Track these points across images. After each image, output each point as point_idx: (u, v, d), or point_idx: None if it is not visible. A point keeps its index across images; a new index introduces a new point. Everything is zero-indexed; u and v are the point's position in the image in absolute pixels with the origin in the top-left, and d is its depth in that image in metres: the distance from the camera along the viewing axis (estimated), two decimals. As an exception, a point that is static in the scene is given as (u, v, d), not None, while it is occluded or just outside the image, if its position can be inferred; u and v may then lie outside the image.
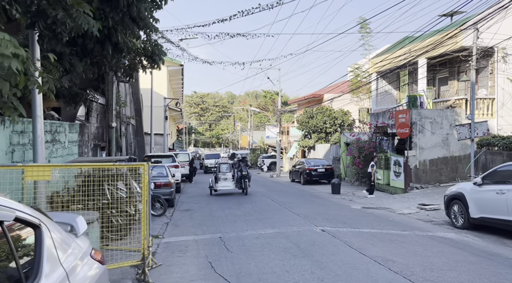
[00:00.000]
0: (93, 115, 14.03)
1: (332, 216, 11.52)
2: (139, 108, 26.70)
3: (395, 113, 19.10)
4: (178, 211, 13.86)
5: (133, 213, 9.33)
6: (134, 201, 9.32)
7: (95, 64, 10.67)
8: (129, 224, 8.69)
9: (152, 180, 14.02)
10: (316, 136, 31.50)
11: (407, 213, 12.84)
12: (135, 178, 12.91)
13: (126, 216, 9.00)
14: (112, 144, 15.15)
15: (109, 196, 9.12)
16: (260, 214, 11.94)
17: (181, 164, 24.77)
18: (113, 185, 8.69)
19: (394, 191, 18.64)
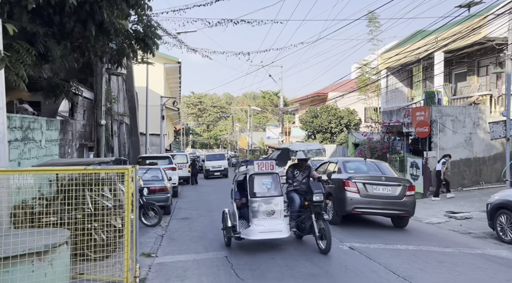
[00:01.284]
0: (79, 111, 12.40)
1: (355, 228, 9.92)
2: (134, 106, 25.06)
3: (412, 111, 17.54)
4: (175, 219, 12.23)
5: (120, 226, 7.70)
6: (121, 212, 7.70)
7: (77, 48, 9.06)
8: (115, 241, 7.08)
9: (145, 184, 12.41)
10: (321, 137, 29.93)
11: (436, 223, 11.27)
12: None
13: (112, 230, 7.40)
14: (101, 144, 13.52)
15: (91, 206, 7.52)
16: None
17: (178, 166, 23.14)
18: (97, 192, 7.09)
19: (411, 195, 17.02)
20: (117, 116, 17.58)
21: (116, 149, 18.33)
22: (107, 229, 7.45)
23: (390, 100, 24.40)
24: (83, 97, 12.80)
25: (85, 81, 13.96)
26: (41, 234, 4.60)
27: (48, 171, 5.39)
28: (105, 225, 7.37)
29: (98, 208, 7.36)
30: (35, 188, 7.00)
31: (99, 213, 7.31)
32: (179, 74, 41.64)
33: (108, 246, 6.73)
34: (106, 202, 7.73)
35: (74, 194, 6.64)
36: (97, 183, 6.97)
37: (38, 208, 6.87)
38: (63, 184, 7.00)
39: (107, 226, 7.43)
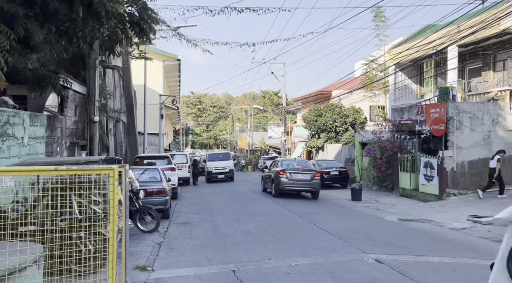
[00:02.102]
0: (70, 106, 11.39)
1: (373, 234, 8.92)
2: (132, 104, 24.04)
3: (426, 108, 16.54)
4: (174, 224, 11.22)
5: (111, 236, 6.70)
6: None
7: (64, 34, 8.07)
8: (104, 253, 6.07)
9: (142, 186, 11.39)
10: (325, 136, 28.90)
11: (461, 228, 10.26)
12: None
13: (101, 240, 6.39)
14: (95, 142, 12.51)
15: (78, 212, 6.52)
16: (280, 231, 9.32)
17: (178, 166, 22.11)
18: (85, 197, 6.09)
19: (425, 197, 16.06)
20: (112, 113, 16.56)
21: (112, 148, 17.32)
22: (96, 239, 6.47)
23: (399, 98, 23.40)
24: (74, 91, 11.79)
25: (78, 75, 12.95)
26: (4, 254, 3.59)
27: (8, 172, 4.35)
28: (92, 234, 6.38)
29: (86, 214, 6.36)
30: (13, 191, 6.00)
31: (86, 220, 6.32)
32: (178, 72, 40.67)
33: (96, 260, 5.74)
34: (95, 208, 6.74)
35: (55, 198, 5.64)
36: (85, 186, 5.97)
37: (14, 215, 5.88)
38: (45, 188, 6.01)
39: (95, 235, 6.44)
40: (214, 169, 26.94)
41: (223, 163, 27.28)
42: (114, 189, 3.84)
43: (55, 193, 5.31)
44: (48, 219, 5.71)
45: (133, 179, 9.85)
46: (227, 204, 15.03)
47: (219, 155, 28.50)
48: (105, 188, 6.30)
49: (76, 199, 6.52)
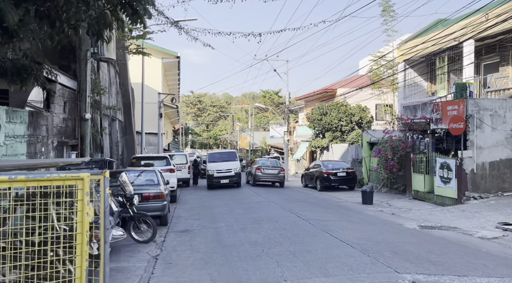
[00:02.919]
0: (57, 102, 10.32)
1: (398, 245, 7.86)
2: (129, 102, 22.98)
3: (442, 105, 15.48)
4: (172, 233, 10.15)
5: (96, 252, 5.62)
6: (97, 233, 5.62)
7: (45, 16, 7.01)
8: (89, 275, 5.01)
9: (137, 190, 10.33)
10: (330, 135, 27.83)
11: (492, 238, 9.21)
12: (113, 191, 9.19)
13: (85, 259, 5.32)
14: (86, 142, 11.44)
15: (57, 226, 5.45)
16: (292, 242, 8.24)
17: (177, 167, 21.05)
18: (67, 208, 5.03)
19: (441, 201, 15.02)
20: (106, 110, 15.49)
21: (106, 148, 16.25)
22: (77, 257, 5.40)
23: (409, 96, 22.34)
24: (63, 86, 10.73)
25: (68, 69, 11.88)
26: None
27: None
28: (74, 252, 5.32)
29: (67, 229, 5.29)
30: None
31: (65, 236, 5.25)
32: (178, 70, 39.67)
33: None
34: (61, 225, 5.68)
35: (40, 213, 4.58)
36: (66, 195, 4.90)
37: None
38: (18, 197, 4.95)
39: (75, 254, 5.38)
40: (216, 172, 21.90)
41: (227, 165, 22.22)
42: (83, 207, 2.78)
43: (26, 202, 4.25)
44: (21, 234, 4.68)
45: (126, 183, 8.79)
46: (230, 208, 13.97)
47: (222, 155, 23.46)
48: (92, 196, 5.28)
49: (57, 210, 5.47)
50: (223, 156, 23.28)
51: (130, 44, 19.13)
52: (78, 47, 11.46)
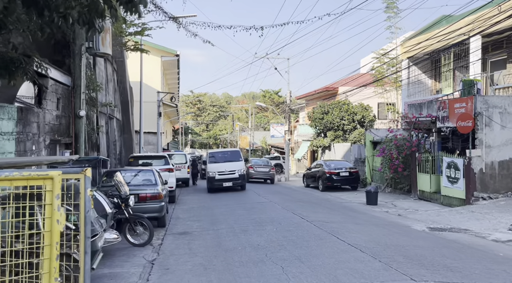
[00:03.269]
0: (50, 98, 9.85)
1: (409, 249, 7.39)
2: (127, 100, 22.52)
3: (449, 102, 15.02)
4: (171, 235, 9.68)
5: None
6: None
7: (32, 4, 6.55)
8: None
9: (134, 190, 9.90)
10: (332, 134, 27.37)
11: (507, 241, 8.74)
12: (108, 192, 8.74)
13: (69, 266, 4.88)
14: (81, 140, 10.97)
15: (43, 229, 4.99)
16: (297, 245, 7.77)
17: (176, 167, 20.59)
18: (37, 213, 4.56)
19: (448, 201, 14.55)
20: (102, 107, 15.03)
21: (103, 147, 15.79)
22: (67, 264, 4.96)
23: (413, 94, 21.87)
24: (56, 82, 10.26)
25: (62, 64, 11.42)
26: None
27: None
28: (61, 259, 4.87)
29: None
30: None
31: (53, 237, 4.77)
32: (177, 69, 39.22)
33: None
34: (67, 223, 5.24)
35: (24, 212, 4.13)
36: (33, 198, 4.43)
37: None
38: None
39: (64, 259, 4.93)
40: (218, 174, 19.34)
41: (230, 166, 19.59)
42: (52, 213, 2.30)
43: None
44: None
45: (121, 183, 8.33)
46: (231, 209, 13.50)
47: (225, 155, 20.81)
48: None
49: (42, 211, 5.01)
50: (226, 155, 20.56)
51: (127, 40, 18.65)
52: (72, 41, 11.00)
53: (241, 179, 19.55)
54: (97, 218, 5.74)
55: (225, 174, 19.38)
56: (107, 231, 7.25)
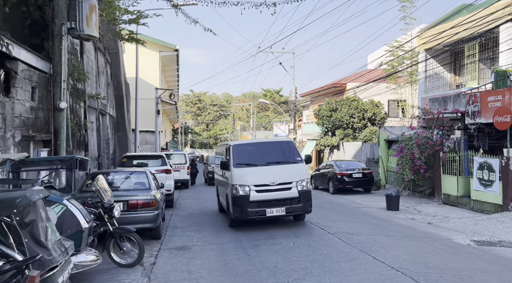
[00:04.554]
0: (22, 87, 8.21)
1: (472, 277, 5.77)
2: (121, 95, 20.90)
3: (480, 96, 13.38)
4: (166, 250, 8.04)
5: None
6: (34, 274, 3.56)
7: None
8: None
9: (122, 196, 8.30)
10: (341, 133, 25.72)
11: None
12: (87, 199, 7.12)
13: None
14: (61, 137, 9.32)
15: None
16: (325, 268, 6.14)
17: (175, 168, 18.98)
18: None
19: (480, 207, 12.93)
20: (93, 101, 13.39)
21: (93, 146, 14.15)
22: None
23: (431, 89, 20.27)
24: (31, 67, 8.62)
25: (41, 49, 9.79)
26: None
27: None
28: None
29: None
30: None
31: None
32: (176, 65, 37.66)
33: None
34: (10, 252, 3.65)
35: None
36: None
37: None
38: None
39: None
40: (255, 189, 9.58)
41: (279, 172, 9.90)
42: None
43: None
44: None
45: (103, 189, 6.69)
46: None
47: (265, 150, 10.58)
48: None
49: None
50: (268, 152, 10.42)
51: (121, 29, 17.01)
52: (51, 21, 9.36)
53: (302, 200, 9.62)
54: (59, 242, 4.10)
55: (270, 190, 9.55)
56: (82, 252, 5.63)
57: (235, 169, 9.75)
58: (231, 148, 10.24)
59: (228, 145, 10.62)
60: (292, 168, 9.91)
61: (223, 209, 11.63)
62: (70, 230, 5.48)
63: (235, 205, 9.47)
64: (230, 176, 9.82)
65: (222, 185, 11.18)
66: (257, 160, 10.05)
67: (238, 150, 10.35)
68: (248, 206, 9.33)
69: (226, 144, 11.01)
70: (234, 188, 9.50)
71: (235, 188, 9.48)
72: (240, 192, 9.44)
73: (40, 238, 3.76)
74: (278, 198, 9.51)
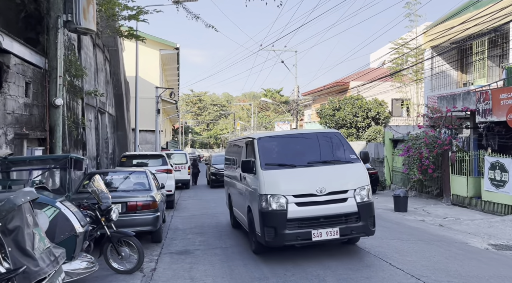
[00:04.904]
0: (15, 82, 7.77)
1: None
2: (121, 93, 20.47)
3: (492, 93, 12.94)
4: (167, 255, 7.60)
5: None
6: None
7: None
8: None
9: (121, 197, 7.87)
10: (345, 132, 25.27)
11: None
12: (83, 201, 6.70)
13: None
14: (57, 135, 8.88)
15: None
16: (339, 276, 5.70)
17: (176, 167, 18.54)
18: None
19: (491, 208, 12.49)
20: (88, 98, 12.94)
21: (91, 145, 13.71)
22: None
23: (437, 87, 19.83)
24: (25, 61, 8.18)
25: (36, 43, 9.36)
26: None
27: None
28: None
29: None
30: None
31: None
32: (177, 64, 37.24)
33: None
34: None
35: None
36: None
37: None
38: None
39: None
40: (297, 203, 6.65)
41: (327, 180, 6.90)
42: None
43: None
44: None
45: (100, 190, 6.25)
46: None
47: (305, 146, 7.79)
48: None
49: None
50: (307, 147, 7.77)
51: (121, 25, 16.55)
52: (47, 13, 8.92)
53: (363, 217, 6.80)
54: (48, 250, 3.65)
55: (317, 202, 6.73)
56: (76, 258, 5.19)
57: (265, 172, 6.87)
58: (256, 142, 7.46)
59: (251, 138, 7.93)
60: (346, 170, 7.20)
61: (239, 224, 9.35)
62: (63, 235, 5.05)
63: (265, 225, 6.52)
64: (256, 182, 6.99)
65: (241, 193, 8.43)
66: (295, 159, 7.27)
67: (267, 145, 7.57)
68: (286, 227, 6.42)
69: (247, 138, 8.45)
70: (263, 200, 6.61)
71: (265, 199, 6.58)
72: (273, 205, 6.52)
73: (26, 247, 3.31)
74: (330, 215, 6.53)
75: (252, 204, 7.21)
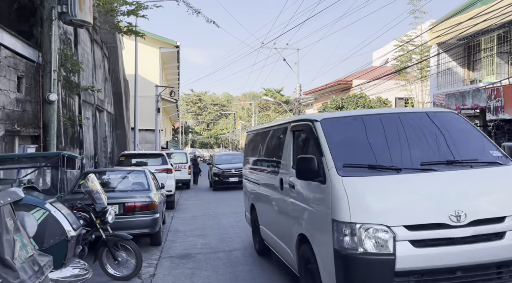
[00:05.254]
0: (5, 75, 7.33)
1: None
2: (120, 91, 20.03)
3: (504, 90, 12.51)
4: (167, 259, 7.16)
5: None
6: None
7: None
8: None
9: (118, 198, 7.43)
10: (348, 131, 24.85)
11: None
12: (76, 203, 6.26)
13: None
14: (51, 132, 8.44)
15: None
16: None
17: (176, 167, 18.08)
18: None
19: None
20: (84, 94, 12.49)
21: (88, 143, 13.27)
22: None
23: (443, 85, 19.38)
24: (16, 54, 7.74)
25: (30, 36, 8.93)
26: None
27: None
28: None
29: None
30: None
31: None
32: (177, 63, 36.83)
33: None
34: None
35: None
36: None
37: None
38: None
39: None
40: (412, 241, 3.52)
41: (466, 197, 3.74)
42: None
43: None
44: None
45: (95, 190, 5.81)
46: (242, 219, 10.95)
47: (408, 133, 4.27)
48: None
49: None
50: (413, 136, 4.26)
51: (119, 21, 16.10)
52: (40, 4, 8.48)
53: None
54: (31, 259, 3.21)
55: (452, 239, 3.56)
56: (68, 264, 4.74)
57: (345, 180, 3.77)
58: (320, 126, 4.35)
59: (306, 121, 4.72)
60: (495, 179, 4.00)
61: (268, 250, 6.59)
62: (53, 240, 4.60)
63: (350, 280, 3.56)
64: (324, 197, 3.95)
65: (282, 211, 5.25)
66: (396, 156, 4.06)
67: (341, 132, 4.40)
68: None
69: (296, 122, 5.13)
70: (345, 233, 3.59)
71: (351, 232, 3.57)
72: (367, 244, 3.54)
73: (4, 256, 2.87)
74: (475, 264, 3.60)
75: (313, 235, 4.15)
